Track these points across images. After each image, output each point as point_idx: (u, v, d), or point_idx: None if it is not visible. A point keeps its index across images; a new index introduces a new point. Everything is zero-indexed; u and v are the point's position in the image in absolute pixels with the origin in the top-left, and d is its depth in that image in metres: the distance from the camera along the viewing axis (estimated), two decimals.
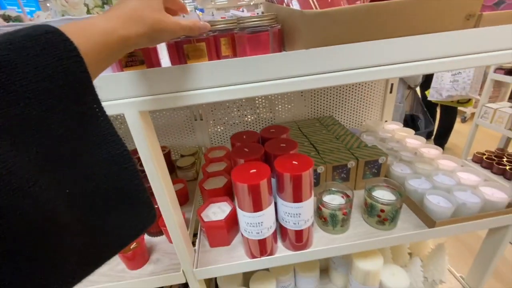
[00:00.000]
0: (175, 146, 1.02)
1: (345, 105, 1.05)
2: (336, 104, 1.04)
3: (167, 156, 0.89)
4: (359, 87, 1.01)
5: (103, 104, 0.25)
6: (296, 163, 0.51)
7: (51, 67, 0.21)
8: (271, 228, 0.54)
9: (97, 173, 0.25)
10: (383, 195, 0.62)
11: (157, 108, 0.39)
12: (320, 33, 0.38)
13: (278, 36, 0.41)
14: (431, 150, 0.80)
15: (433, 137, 2.84)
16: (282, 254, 0.58)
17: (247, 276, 0.77)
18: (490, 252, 0.70)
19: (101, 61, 0.26)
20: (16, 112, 0.19)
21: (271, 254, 0.58)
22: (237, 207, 0.53)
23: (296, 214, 0.53)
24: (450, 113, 2.61)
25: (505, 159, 1.77)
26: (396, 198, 0.60)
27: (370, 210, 0.61)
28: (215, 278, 0.79)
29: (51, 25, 0.22)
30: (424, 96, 2.54)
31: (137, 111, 0.38)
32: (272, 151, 0.57)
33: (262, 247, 0.56)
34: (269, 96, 1.03)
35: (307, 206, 0.53)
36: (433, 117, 2.79)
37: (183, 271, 0.56)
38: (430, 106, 2.68)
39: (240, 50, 0.41)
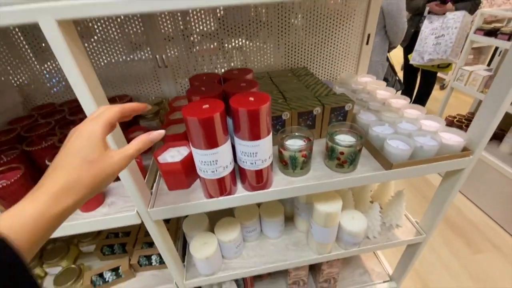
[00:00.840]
0: (139, 96, 0.96)
1: (320, 57, 1.00)
2: (311, 56, 1.00)
3: None
4: (334, 38, 0.96)
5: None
6: (252, 99, 0.48)
7: None
8: (227, 168, 0.53)
9: None
10: (344, 138, 0.61)
11: (77, 16, 0.33)
12: None
13: None
14: (399, 101, 0.80)
15: (411, 102, 2.89)
16: (240, 194, 0.57)
17: (212, 223, 0.78)
18: (443, 197, 0.74)
19: (39, 240, 0.26)
20: None
21: (229, 194, 0.57)
22: (191, 146, 0.50)
23: (253, 153, 0.52)
24: (429, 78, 2.62)
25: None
26: (356, 140, 0.59)
27: (331, 153, 0.60)
28: (182, 225, 0.80)
29: None
30: (406, 61, 2.52)
31: (54, 20, 0.33)
32: (231, 90, 0.54)
33: (219, 187, 0.55)
34: (243, 48, 0.96)
35: (264, 144, 0.51)
36: (413, 83, 2.81)
37: (137, 211, 0.54)
38: (411, 72, 2.69)
39: None
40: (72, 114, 0.78)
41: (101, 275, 0.80)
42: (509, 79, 0.51)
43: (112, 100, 0.85)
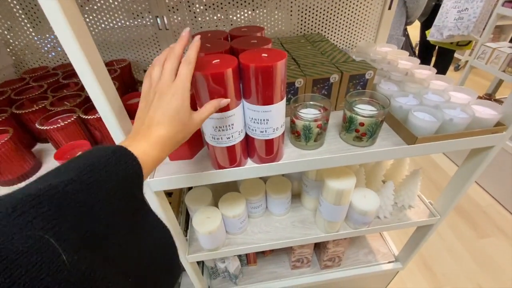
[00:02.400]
0: (138, 60, 0.89)
1: (336, 23, 0.91)
2: (326, 22, 0.90)
3: (127, 69, 0.77)
4: (353, 2, 0.86)
5: None
6: (266, 55, 0.42)
7: (122, 179, 0.27)
8: (242, 133, 0.48)
9: (147, 254, 0.30)
10: (365, 108, 0.55)
11: None
12: None
13: None
14: (424, 71, 0.72)
15: None
16: (249, 166, 0.53)
17: (216, 197, 0.74)
18: (464, 178, 0.69)
19: (147, 173, 0.32)
20: (97, 224, 0.23)
21: (239, 165, 0.52)
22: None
23: (264, 120, 0.46)
24: (446, 57, 2.48)
25: None
26: (378, 110, 0.53)
27: (349, 125, 0.55)
28: (184, 199, 0.76)
29: (115, 144, 0.30)
30: (423, 37, 2.37)
31: None
32: (240, 47, 0.47)
33: (231, 156, 0.50)
34: (252, 14, 0.87)
35: (277, 111, 0.45)
36: (427, 63, 2.67)
37: None
38: (427, 50, 2.54)
39: None
40: (66, 77, 0.73)
41: None
42: None
43: (110, 64, 0.78)
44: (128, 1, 0.77)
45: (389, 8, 0.89)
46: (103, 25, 0.81)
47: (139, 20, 0.82)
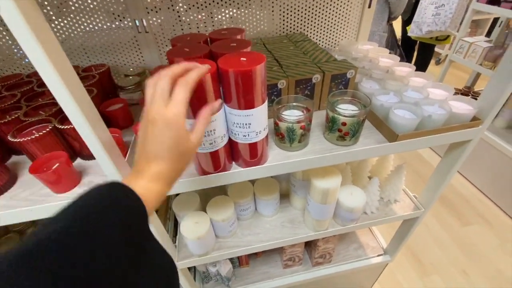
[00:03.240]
0: (118, 65, 0.86)
1: (318, 22, 0.91)
2: (308, 22, 0.91)
3: (106, 74, 0.74)
4: (334, 1, 0.87)
5: None
6: (244, 59, 0.41)
7: (122, 217, 0.26)
8: (224, 137, 0.47)
9: (150, 284, 0.28)
10: (347, 108, 0.56)
11: None
12: None
13: None
14: (404, 69, 0.74)
15: None
16: (234, 170, 0.52)
17: (204, 202, 0.74)
18: (445, 171, 0.71)
19: (153, 208, 0.32)
20: (99, 264, 0.23)
21: (223, 170, 0.52)
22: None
23: (246, 124, 0.46)
24: (426, 52, 2.55)
25: (470, 97, 1.80)
26: (359, 110, 0.54)
27: (332, 124, 0.55)
28: (171, 205, 0.75)
29: (114, 181, 0.30)
30: (404, 33, 2.43)
31: None
32: (219, 51, 0.46)
33: (215, 161, 0.49)
34: (234, 14, 0.86)
35: (258, 114, 0.45)
36: (410, 57, 2.74)
37: None
38: (409, 45, 2.60)
39: None
40: (41, 85, 0.69)
41: None
42: None
43: (88, 70, 0.76)
44: (105, 3, 0.75)
45: (369, 7, 0.90)
46: (79, 29, 0.78)
47: (117, 23, 0.80)
